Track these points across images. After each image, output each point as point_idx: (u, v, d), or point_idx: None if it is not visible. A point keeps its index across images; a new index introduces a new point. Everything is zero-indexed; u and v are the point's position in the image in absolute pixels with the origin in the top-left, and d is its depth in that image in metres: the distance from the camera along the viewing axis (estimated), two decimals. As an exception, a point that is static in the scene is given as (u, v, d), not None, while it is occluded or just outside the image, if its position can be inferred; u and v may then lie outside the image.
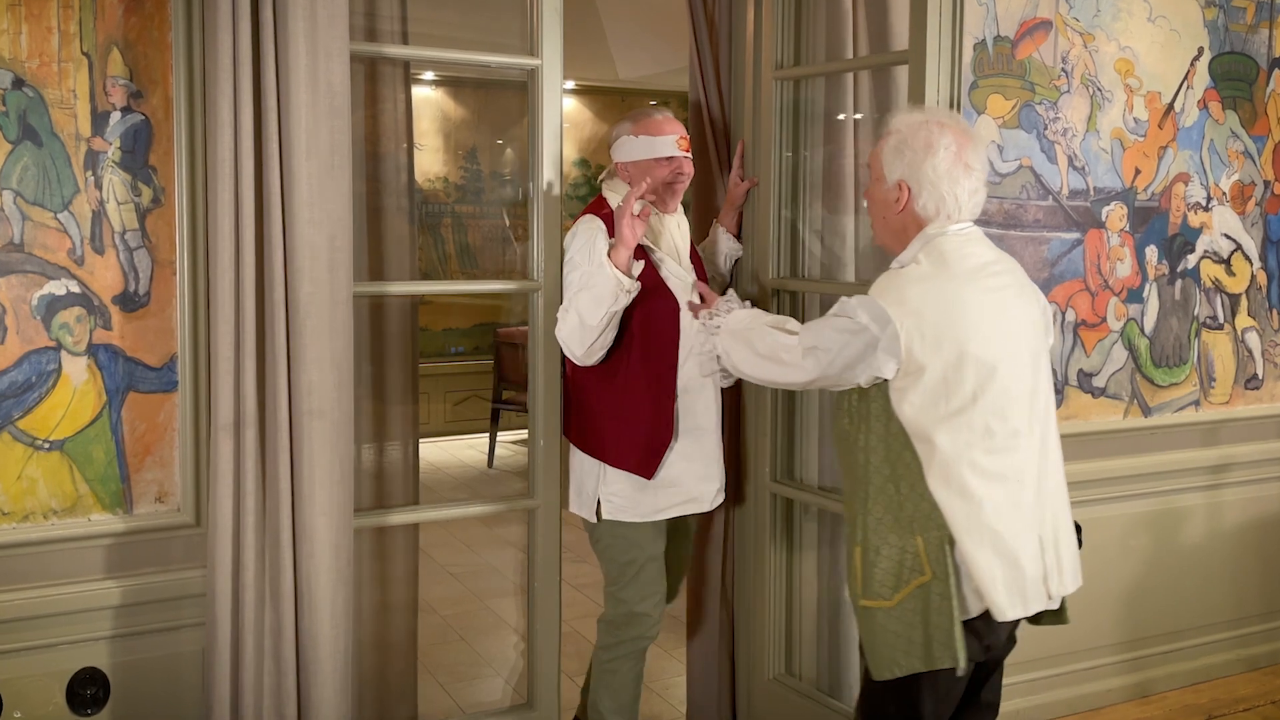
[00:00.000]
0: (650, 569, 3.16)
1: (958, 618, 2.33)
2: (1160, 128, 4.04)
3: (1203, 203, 4.15)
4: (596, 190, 3.45)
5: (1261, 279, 4.31)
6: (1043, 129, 3.80)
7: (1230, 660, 4.31)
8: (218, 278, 2.69)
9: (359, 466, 3.03)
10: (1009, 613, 2.37)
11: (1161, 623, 4.15)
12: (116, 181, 2.78)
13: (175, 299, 2.84)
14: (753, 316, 2.76)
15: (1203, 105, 4.12)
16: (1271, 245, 4.32)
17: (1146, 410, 4.08)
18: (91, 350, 2.79)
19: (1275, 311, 4.35)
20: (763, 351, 2.59)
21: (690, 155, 3.15)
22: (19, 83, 2.68)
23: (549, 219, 3.19)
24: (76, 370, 2.77)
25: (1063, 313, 3.88)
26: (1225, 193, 4.20)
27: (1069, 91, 3.84)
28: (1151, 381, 4.09)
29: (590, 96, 9.41)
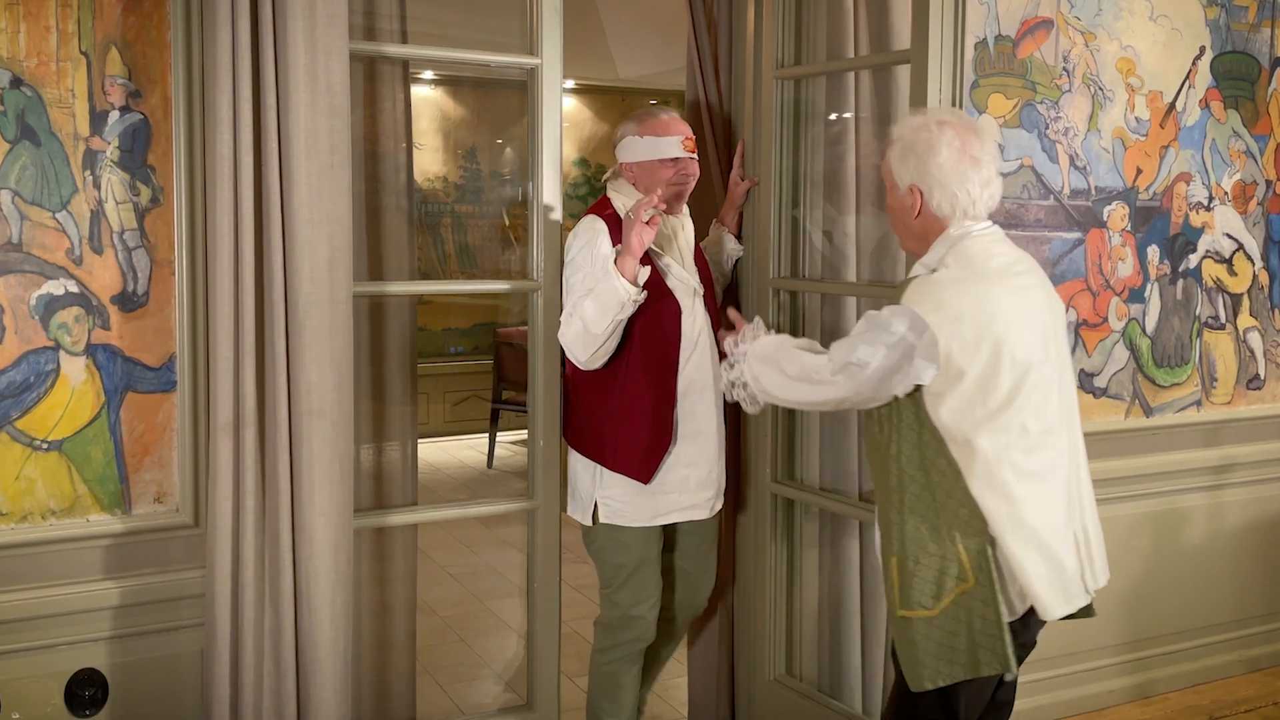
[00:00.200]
0: (644, 572, 3.15)
1: (1005, 623, 2.33)
2: (1162, 127, 4.03)
3: (1204, 202, 4.14)
4: (596, 190, 3.44)
5: (1263, 279, 4.30)
6: (1044, 128, 3.79)
7: (1232, 661, 4.31)
8: (217, 277, 2.68)
9: (358, 467, 3.03)
10: (1057, 611, 2.37)
11: (1163, 624, 4.14)
12: (115, 181, 2.77)
13: (174, 299, 2.83)
14: (779, 342, 2.69)
15: (1204, 104, 4.12)
16: (1273, 245, 4.31)
17: (1148, 410, 4.07)
18: (90, 350, 2.78)
19: (1277, 311, 4.34)
20: (793, 374, 2.55)
21: (696, 156, 3.14)
22: (17, 82, 2.67)
23: (549, 219, 3.19)
24: (75, 370, 2.77)
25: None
26: (1227, 192, 4.19)
27: (1070, 91, 3.83)
28: (1153, 382, 4.08)
29: (590, 96, 9.39)
